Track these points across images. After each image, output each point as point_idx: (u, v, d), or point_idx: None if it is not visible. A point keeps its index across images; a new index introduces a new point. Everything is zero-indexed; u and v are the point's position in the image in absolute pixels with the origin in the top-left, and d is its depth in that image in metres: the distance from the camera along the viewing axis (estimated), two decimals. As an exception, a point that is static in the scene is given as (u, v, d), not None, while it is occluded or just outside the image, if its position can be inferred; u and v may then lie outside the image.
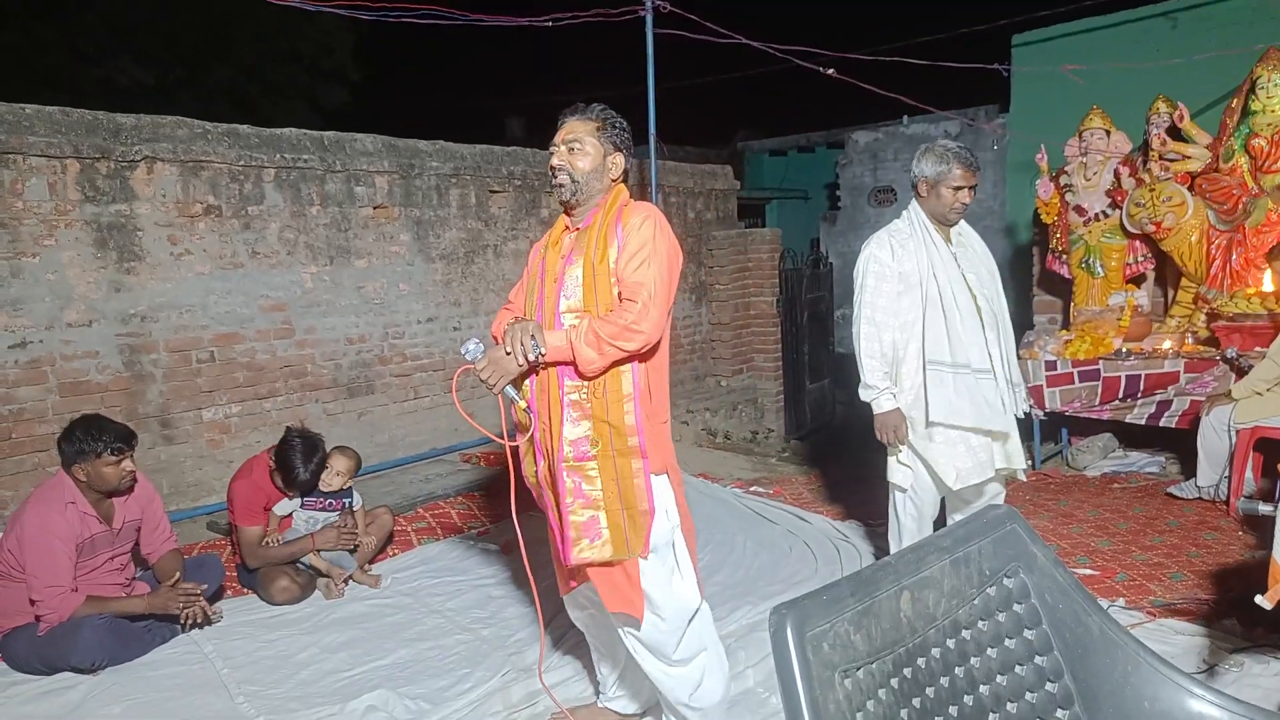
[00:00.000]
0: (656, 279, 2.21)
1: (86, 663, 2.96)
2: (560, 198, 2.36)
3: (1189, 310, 5.23)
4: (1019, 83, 7.01)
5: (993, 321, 3.19)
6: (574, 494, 2.24)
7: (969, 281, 3.18)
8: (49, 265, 4.12)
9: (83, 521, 3.12)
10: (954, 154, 3.11)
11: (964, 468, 3.11)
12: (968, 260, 3.23)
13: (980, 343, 3.13)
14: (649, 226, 2.26)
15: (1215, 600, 3.26)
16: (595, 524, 2.23)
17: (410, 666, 3.04)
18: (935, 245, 3.16)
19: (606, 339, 2.15)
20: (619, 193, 2.38)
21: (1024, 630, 1.45)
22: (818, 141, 13.81)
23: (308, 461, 3.62)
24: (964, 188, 3.11)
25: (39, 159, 4.06)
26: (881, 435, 3.20)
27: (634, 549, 2.23)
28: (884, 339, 3.16)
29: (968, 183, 3.11)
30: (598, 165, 2.33)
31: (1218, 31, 5.92)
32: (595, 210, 2.35)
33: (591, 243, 2.28)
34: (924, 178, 3.17)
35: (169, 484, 4.51)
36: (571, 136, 2.33)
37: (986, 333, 3.15)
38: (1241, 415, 4.23)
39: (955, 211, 3.15)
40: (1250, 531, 3.96)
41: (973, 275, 3.20)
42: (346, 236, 5.29)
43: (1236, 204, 4.93)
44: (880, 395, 3.17)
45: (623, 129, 2.39)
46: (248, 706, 2.80)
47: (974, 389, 3.09)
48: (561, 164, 2.32)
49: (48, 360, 4.14)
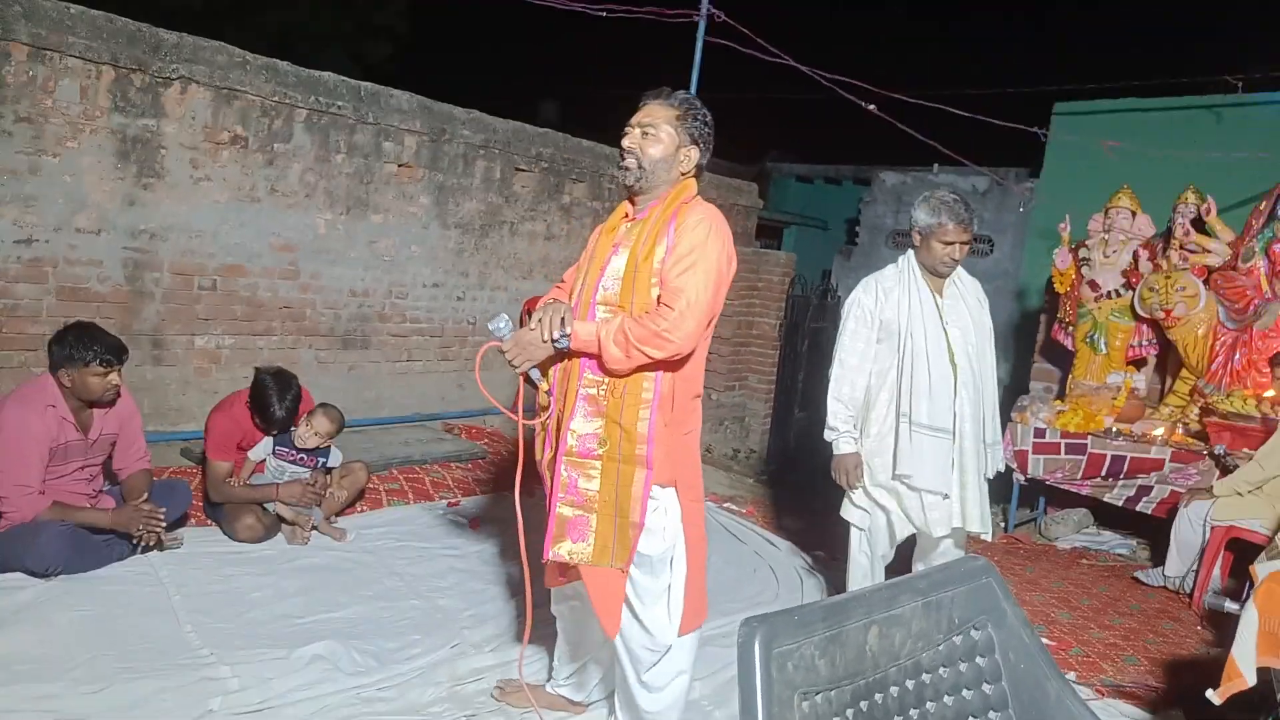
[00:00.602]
0: (700, 287, 2.10)
1: (42, 567, 2.95)
2: (624, 181, 2.25)
3: (1184, 401, 5.26)
4: (1054, 150, 7.05)
5: (969, 380, 3.16)
6: (567, 489, 2.18)
7: (949, 336, 3.15)
8: (68, 168, 4.10)
9: (60, 426, 3.10)
10: (948, 208, 3.07)
11: (932, 518, 3.15)
12: (955, 313, 3.19)
13: (947, 403, 3.11)
14: (703, 229, 2.15)
15: (1164, 689, 3.27)
16: (583, 524, 2.17)
17: (362, 624, 3.03)
18: (920, 297, 3.15)
19: (635, 341, 2.06)
20: (685, 188, 2.25)
21: (983, 683, 1.45)
22: (845, 175, 13.82)
23: (282, 397, 3.60)
24: (955, 243, 3.07)
25: (75, 60, 4.03)
26: (836, 476, 3.26)
27: (617, 559, 2.15)
28: (855, 382, 3.21)
29: (959, 238, 3.07)
30: (669, 155, 2.22)
31: (1258, 132, 5.97)
32: (657, 202, 2.24)
33: (642, 236, 2.19)
34: (917, 227, 3.15)
35: (151, 404, 4.49)
36: (648, 120, 2.22)
37: (960, 391, 3.12)
38: (1219, 513, 4.25)
39: (945, 265, 3.12)
40: (1210, 628, 3.97)
41: (956, 330, 3.17)
42: (367, 189, 5.27)
43: (1249, 305, 4.96)
44: (840, 438, 3.23)
45: (704, 122, 2.27)
46: (194, 636, 2.78)
47: (935, 449, 3.10)
48: (632, 147, 2.21)
49: (50, 261, 4.11)
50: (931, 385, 3.10)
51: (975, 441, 3.17)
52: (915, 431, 3.10)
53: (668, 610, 2.26)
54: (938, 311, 3.16)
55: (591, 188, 6.63)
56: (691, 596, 2.29)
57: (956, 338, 3.15)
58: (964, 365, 3.14)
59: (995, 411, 3.30)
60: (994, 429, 3.30)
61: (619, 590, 2.19)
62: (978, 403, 3.17)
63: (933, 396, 3.09)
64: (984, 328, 3.25)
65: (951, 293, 3.22)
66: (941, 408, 3.10)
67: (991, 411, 3.27)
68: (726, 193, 7.89)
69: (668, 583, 2.26)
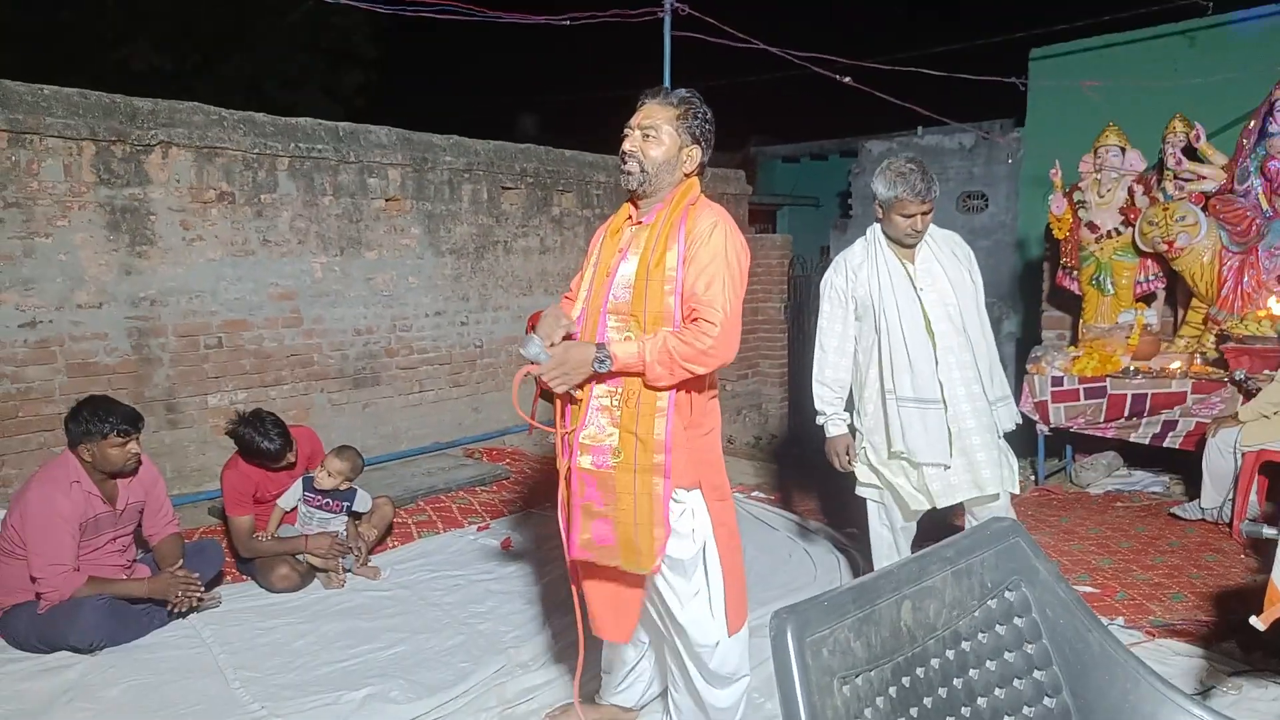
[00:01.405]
0: (731, 297, 2.09)
1: (85, 643, 2.98)
2: (627, 186, 2.22)
3: (1198, 331, 5.22)
4: (1035, 97, 7.00)
5: (953, 344, 3.06)
6: (585, 491, 2.18)
7: (924, 303, 3.06)
8: (61, 246, 4.14)
9: (87, 501, 3.13)
10: (904, 179, 2.94)
11: (935, 489, 3.09)
12: (929, 277, 3.09)
13: (930, 372, 3.04)
14: (719, 235, 2.11)
15: (1215, 622, 3.25)
16: (606, 527, 2.16)
17: (408, 658, 3.04)
18: (890, 269, 3.07)
19: (681, 361, 2.05)
20: (689, 188, 2.22)
21: (1024, 644, 1.45)
22: (831, 149, 13.78)
23: (262, 432, 3.62)
24: (916, 215, 2.98)
25: (55, 140, 4.07)
26: (829, 459, 3.26)
27: (644, 564, 2.14)
28: (837, 364, 3.19)
29: (919, 210, 2.97)
30: (671, 156, 2.18)
31: (1236, 52, 5.91)
32: (661, 205, 2.20)
33: (650, 242, 2.15)
34: (877, 199, 3.06)
35: (173, 468, 4.53)
36: (648, 121, 2.17)
37: (942, 358, 3.04)
38: (1248, 438, 4.21)
39: (909, 237, 3.03)
40: (1253, 555, 3.94)
41: (933, 294, 3.07)
42: (358, 228, 5.30)
43: (1250, 226, 4.92)
44: (828, 421, 3.23)
45: (705, 119, 2.22)
46: (243, 692, 2.80)
47: (925, 421, 3.05)
48: (633, 150, 2.17)
49: (57, 340, 4.16)
50: (911, 357, 3.04)
51: (973, 404, 3.08)
52: (902, 406, 3.06)
53: (709, 609, 2.26)
54: (909, 280, 3.08)
55: (580, 197, 6.64)
56: (732, 594, 2.28)
57: (933, 302, 3.06)
58: (945, 330, 3.05)
59: (995, 366, 3.21)
60: (999, 384, 3.21)
61: (634, 594, 2.20)
62: (969, 364, 3.08)
63: (914, 369, 3.04)
64: (965, 285, 3.13)
65: (925, 256, 3.11)
66: (924, 379, 3.04)
67: (988, 368, 3.17)
68: (715, 182, 7.89)
69: (703, 582, 2.25)
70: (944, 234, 3.22)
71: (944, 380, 3.04)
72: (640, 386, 2.12)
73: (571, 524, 2.21)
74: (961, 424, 3.05)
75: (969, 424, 3.06)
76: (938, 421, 3.04)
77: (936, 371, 3.04)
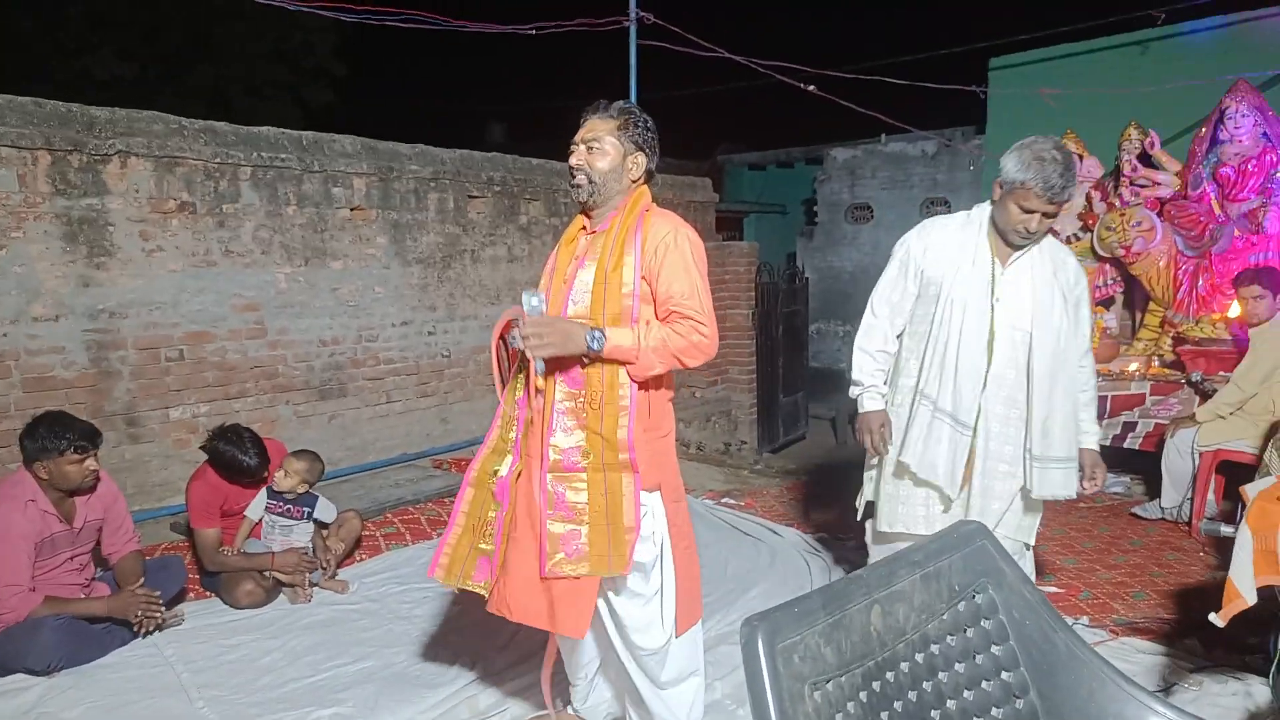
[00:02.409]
0: (704, 295, 2.18)
1: (43, 664, 2.90)
2: (578, 198, 2.28)
3: (1156, 334, 5.33)
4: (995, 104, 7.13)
5: (1009, 374, 2.66)
6: (555, 504, 2.18)
7: (995, 316, 2.64)
8: (16, 258, 4.05)
9: (43, 520, 3.05)
10: (1040, 167, 2.47)
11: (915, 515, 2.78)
12: (1013, 291, 2.64)
13: (973, 393, 2.66)
14: (684, 242, 2.18)
15: (1176, 620, 3.31)
16: (575, 538, 2.17)
17: (376, 673, 3.00)
18: (977, 258, 2.65)
19: (674, 351, 2.13)
20: (640, 195, 2.29)
21: (991, 646, 1.46)
22: (797, 157, 13.92)
23: (243, 448, 3.57)
24: (1036, 213, 2.53)
25: (9, 150, 3.98)
26: (859, 437, 2.87)
27: (615, 567, 2.16)
28: (887, 334, 2.82)
29: (1041, 208, 2.51)
30: (617, 165, 2.24)
31: (1189, 62, 6.06)
32: (614, 214, 2.26)
33: (607, 249, 2.20)
34: (1001, 177, 2.59)
35: (134, 483, 4.43)
36: (591, 136, 2.24)
37: (990, 384, 2.66)
38: (1205, 438, 4.31)
39: (1016, 235, 2.59)
40: (1212, 552, 4.02)
41: (1007, 311, 2.64)
42: (322, 238, 5.24)
43: (1204, 231, 5.04)
44: (864, 393, 2.85)
45: (645, 127, 2.28)
46: (208, 711, 2.75)
47: (953, 442, 2.69)
48: (579, 164, 2.24)
49: (12, 354, 4.06)
50: (959, 368, 2.66)
51: (1007, 447, 2.68)
52: (937, 418, 2.70)
53: (660, 612, 2.29)
54: (990, 282, 2.65)
55: (547, 205, 6.63)
56: (683, 595, 2.32)
57: (1003, 321, 2.64)
58: (1005, 355, 2.65)
59: (1068, 422, 2.69)
60: (1061, 443, 2.67)
61: (590, 591, 2.20)
62: (1020, 403, 2.67)
63: (957, 382, 2.66)
64: (1050, 316, 2.62)
65: (1020, 265, 2.65)
66: (966, 397, 2.66)
67: (1063, 421, 2.67)
68: (681, 190, 7.91)
69: (658, 584, 2.29)
70: (1058, 250, 2.73)
71: (984, 408, 2.68)
72: (603, 387, 2.15)
73: (541, 551, 2.19)
74: (987, 465, 2.70)
75: (993, 469, 2.70)
76: (964, 447, 2.70)
77: (980, 396, 2.67)
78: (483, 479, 2.32)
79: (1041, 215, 2.53)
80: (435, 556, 2.34)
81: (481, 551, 2.29)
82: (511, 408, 2.31)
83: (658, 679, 2.31)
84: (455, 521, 2.33)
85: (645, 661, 2.30)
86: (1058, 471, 2.67)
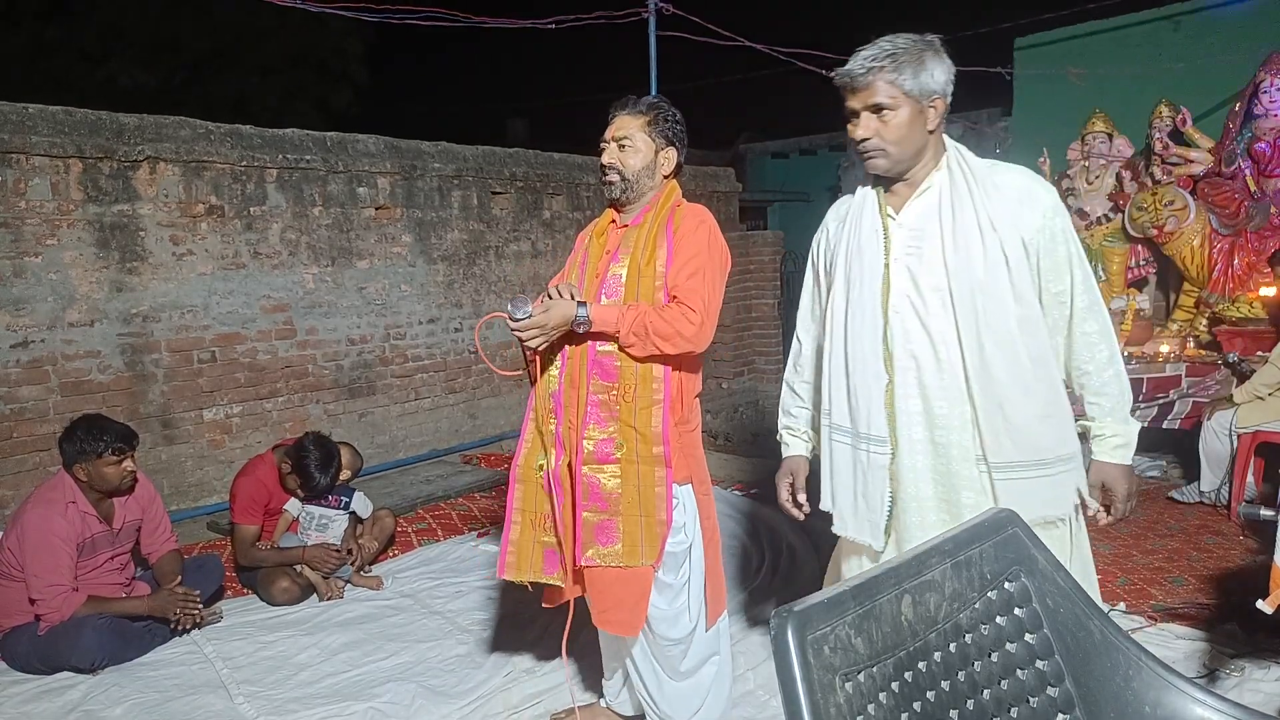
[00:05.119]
0: (712, 291, 2.17)
1: (87, 662, 2.96)
2: (610, 195, 2.29)
3: (1191, 314, 5.24)
4: (1021, 85, 7.01)
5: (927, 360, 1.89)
6: (589, 495, 2.20)
7: (891, 281, 1.91)
8: (51, 265, 4.13)
9: (83, 521, 3.12)
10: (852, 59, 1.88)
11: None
12: (915, 242, 1.90)
13: (875, 389, 1.93)
14: (703, 233, 2.19)
15: (1216, 605, 3.25)
16: (609, 528, 2.19)
17: (411, 668, 3.03)
18: (864, 214, 1.99)
19: (655, 335, 2.10)
20: (671, 190, 2.30)
21: (1025, 634, 1.44)
22: (820, 144, 13.81)
23: (325, 470, 3.64)
24: (859, 112, 1.88)
25: (42, 159, 4.06)
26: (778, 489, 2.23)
27: (647, 557, 2.18)
28: (810, 361, 2.23)
29: (859, 104, 1.87)
30: (649, 162, 2.25)
31: (1221, 36, 5.92)
32: (646, 209, 2.27)
33: (640, 243, 2.21)
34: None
35: (170, 484, 4.51)
36: (621, 133, 2.25)
37: (899, 376, 1.92)
38: (1243, 420, 4.22)
39: (862, 155, 1.92)
40: (1252, 536, 3.95)
41: (912, 269, 1.90)
42: (348, 237, 5.29)
43: (1239, 208, 4.93)
44: (784, 436, 2.31)
45: (675, 121, 2.29)
46: (248, 707, 2.79)
47: (857, 470, 1.99)
48: (612, 162, 2.25)
49: (49, 360, 4.14)
50: (850, 362, 1.97)
51: (951, 462, 1.89)
52: (834, 440, 2.04)
53: (687, 603, 2.30)
54: (882, 240, 1.94)
55: (570, 199, 6.64)
56: (711, 587, 2.34)
57: (900, 286, 1.91)
58: (914, 334, 1.90)
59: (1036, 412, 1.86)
60: (1027, 442, 1.87)
61: (644, 588, 2.21)
62: (957, 399, 1.88)
63: (851, 383, 1.98)
64: (972, 269, 1.82)
65: (926, 203, 1.91)
66: (864, 401, 1.95)
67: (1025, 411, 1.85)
68: (704, 180, 7.88)
69: (687, 576, 2.30)
70: (995, 170, 1.91)
71: (901, 410, 1.93)
72: (636, 380, 2.17)
73: (576, 541, 2.22)
74: (916, 488, 1.93)
75: (929, 495, 1.93)
76: (877, 475, 1.95)
77: (884, 395, 1.94)
78: (528, 474, 2.34)
79: (866, 113, 1.86)
80: (501, 557, 2.35)
81: (545, 544, 2.31)
82: (546, 401, 2.32)
83: (677, 669, 2.32)
84: (512, 519, 2.35)
85: (668, 651, 2.30)
86: (1025, 482, 1.87)
